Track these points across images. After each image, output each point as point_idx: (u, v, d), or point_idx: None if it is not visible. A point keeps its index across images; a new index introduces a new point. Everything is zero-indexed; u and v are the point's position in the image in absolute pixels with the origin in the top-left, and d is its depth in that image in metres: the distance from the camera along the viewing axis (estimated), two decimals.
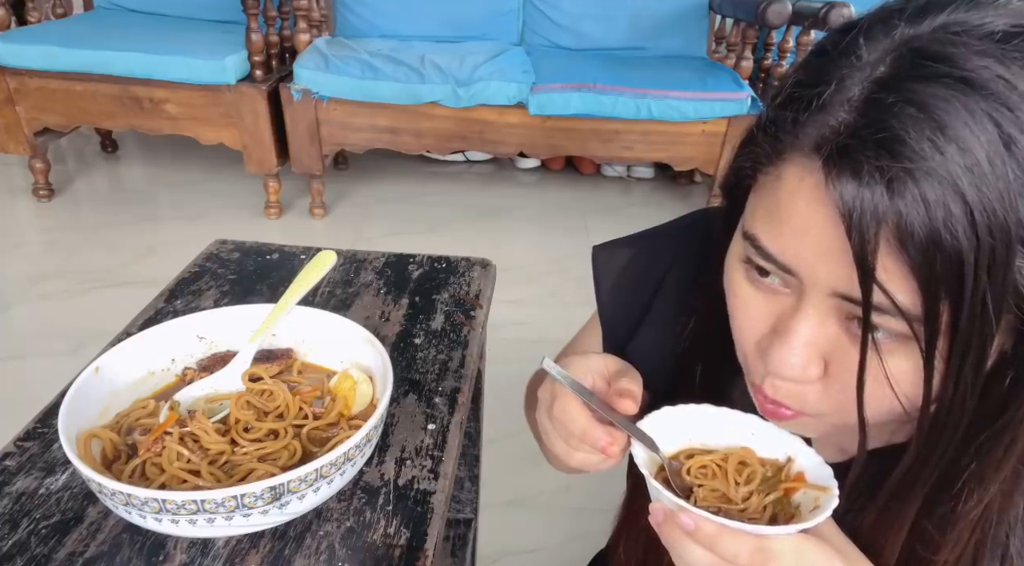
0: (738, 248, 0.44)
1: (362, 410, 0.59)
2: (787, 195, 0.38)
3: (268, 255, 0.87)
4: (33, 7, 2.64)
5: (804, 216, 0.37)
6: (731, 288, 0.45)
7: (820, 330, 0.40)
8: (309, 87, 2.37)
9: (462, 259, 0.89)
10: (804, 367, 0.40)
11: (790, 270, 0.39)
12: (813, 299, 0.39)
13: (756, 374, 0.45)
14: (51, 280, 2.21)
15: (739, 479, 0.48)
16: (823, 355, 0.41)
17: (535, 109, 2.42)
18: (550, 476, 1.64)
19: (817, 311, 0.39)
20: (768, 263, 0.40)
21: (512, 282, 2.19)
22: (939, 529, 0.45)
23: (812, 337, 0.40)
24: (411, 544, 0.50)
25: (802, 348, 0.40)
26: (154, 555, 0.49)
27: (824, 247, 0.36)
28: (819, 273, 0.37)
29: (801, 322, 0.40)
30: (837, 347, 0.40)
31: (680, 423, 0.50)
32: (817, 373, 0.41)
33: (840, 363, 0.40)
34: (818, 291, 0.38)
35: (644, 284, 0.64)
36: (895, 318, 0.36)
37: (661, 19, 2.84)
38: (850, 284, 0.36)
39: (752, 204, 0.42)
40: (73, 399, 0.51)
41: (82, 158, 3.13)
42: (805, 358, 0.40)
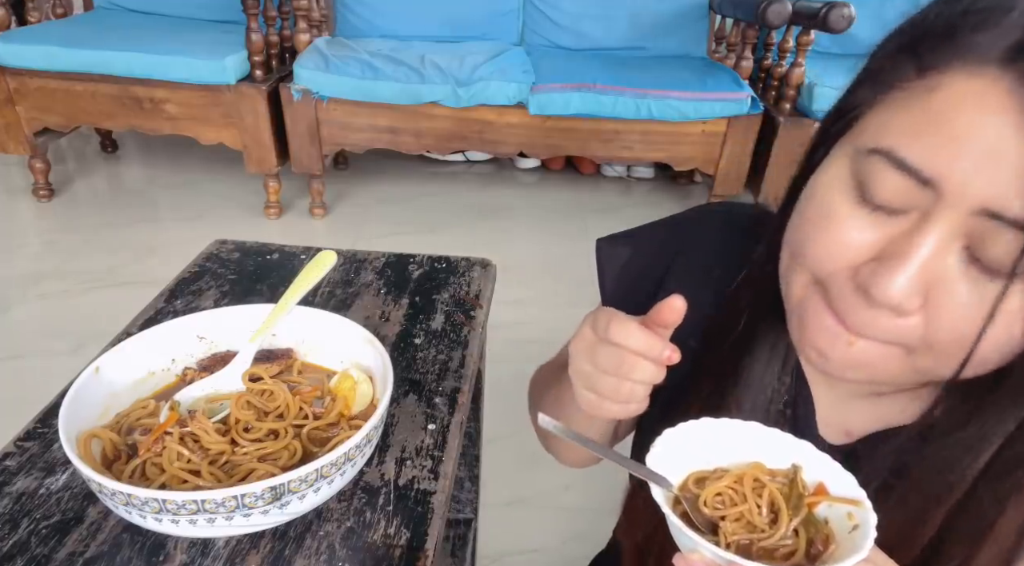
0: (842, 171, 0.43)
1: (362, 410, 0.59)
2: (950, 104, 0.37)
3: (268, 255, 0.87)
4: (33, 7, 2.64)
5: (972, 123, 0.36)
6: (823, 207, 0.43)
7: (937, 257, 0.38)
8: (309, 87, 2.37)
9: (462, 259, 0.89)
10: (910, 295, 0.38)
11: (933, 182, 0.37)
12: (945, 218, 0.37)
13: (835, 297, 0.42)
14: (51, 280, 2.21)
15: (759, 502, 0.45)
16: (927, 288, 0.39)
17: (535, 109, 2.42)
18: (550, 476, 1.64)
19: (944, 232, 0.37)
20: (904, 176, 0.38)
21: (512, 282, 2.19)
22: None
23: (928, 263, 0.38)
24: (411, 544, 0.50)
25: (916, 272, 0.38)
26: (154, 555, 0.49)
27: (991, 155, 0.35)
28: (973, 185, 0.36)
29: (924, 242, 0.38)
30: (945, 278, 0.38)
31: (681, 445, 0.48)
32: (916, 306, 0.39)
33: (946, 295, 0.38)
34: (959, 205, 0.37)
35: (648, 276, 0.64)
36: None
37: (661, 19, 2.84)
38: (1006, 200, 0.35)
39: (879, 120, 0.41)
40: (73, 399, 0.51)
41: (82, 158, 3.13)
42: (914, 286, 0.38)
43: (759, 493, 0.46)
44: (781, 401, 0.56)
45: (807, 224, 0.44)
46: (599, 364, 0.48)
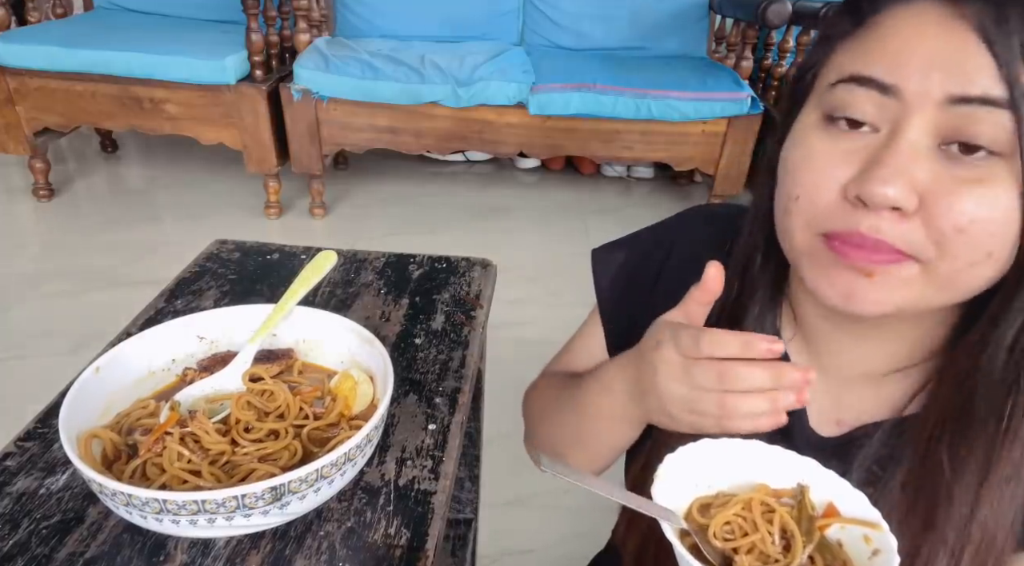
0: (811, 117, 0.46)
1: (363, 410, 0.59)
2: (891, 29, 0.40)
3: (268, 255, 0.87)
4: (33, 7, 2.64)
5: (914, 35, 0.39)
6: (802, 150, 0.45)
7: (917, 156, 0.40)
8: (309, 87, 2.37)
9: (462, 259, 0.89)
10: (905, 193, 0.40)
11: (896, 87, 0.40)
12: (915, 119, 0.40)
13: (840, 223, 0.43)
14: (51, 280, 2.21)
15: (771, 529, 0.44)
16: (918, 189, 0.40)
17: (535, 109, 2.42)
18: (550, 477, 1.64)
19: (918, 132, 0.40)
20: (869, 90, 0.41)
21: (512, 282, 2.19)
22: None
23: (911, 161, 0.40)
24: (412, 544, 0.50)
25: (902, 171, 0.40)
26: (155, 555, 0.49)
27: (941, 52, 0.38)
28: (932, 79, 0.39)
29: (901, 144, 0.40)
30: (932, 177, 0.40)
31: (683, 471, 0.47)
32: (915, 204, 0.40)
33: (938, 192, 0.40)
34: (925, 103, 0.39)
35: (642, 274, 0.65)
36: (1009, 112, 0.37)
37: (661, 19, 2.84)
38: (967, 82, 0.37)
39: (834, 64, 0.44)
40: (73, 399, 0.51)
41: (82, 158, 3.13)
42: (906, 183, 0.40)
43: (769, 519, 0.44)
44: None
45: (793, 171, 0.46)
46: (698, 382, 0.45)
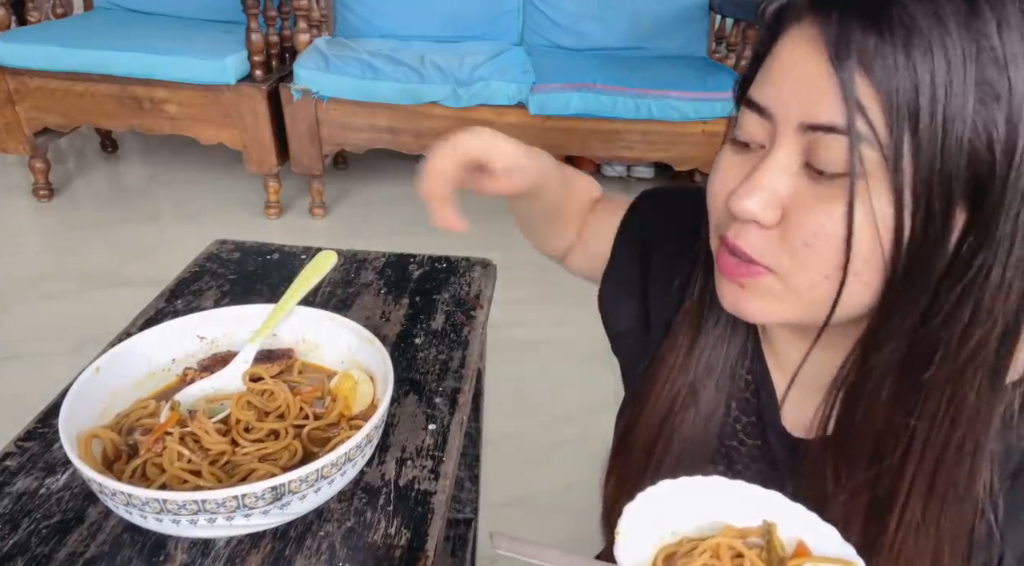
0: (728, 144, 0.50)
1: (363, 410, 0.59)
2: (780, 52, 0.44)
3: (268, 255, 0.87)
4: (33, 7, 2.64)
5: (791, 58, 0.43)
6: (715, 163, 0.50)
7: (784, 175, 0.44)
8: (309, 87, 2.37)
9: (462, 259, 0.89)
10: (763, 207, 0.44)
11: (767, 110, 0.44)
12: (783, 140, 0.43)
13: (723, 229, 0.48)
14: (51, 280, 2.21)
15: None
16: (781, 203, 0.44)
17: (535, 109, 2.41)
18: (550, 476, 1.64)
19: (784, 152, 0.43)
20: (752, 113, 0.45)
21: (512, 282, 2.19)
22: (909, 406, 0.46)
23: (776, 181, 0.44)
24: (412, 544, 0.50)
25: (763, 187, 0.44)
26: (155, 555, 0.49)
27: (801, 79, 0.42)
28: (792, 106, 0.42)
29: (768, 164, 0.44)
30: (794, 193, 0.44)
31: (646, 518, 0.45)
32: (774, 217, 0.44)
33: (795, 207, 0.43)
34: (788, 127, 0.43)
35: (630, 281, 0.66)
36: (867, 144, 0.40)
37: (661, 19, 2.84)
38: (815, 111, 0.41)
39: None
40: (74, 399, 0.51)
41: (82, 158, 3.13)
42: (766, 199, 0.44)
43: (738, 565, 0.42)
44: (749, 389, 0.58)
45: (709, 179, 0.51)
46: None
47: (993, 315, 0.42)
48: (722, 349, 0.57)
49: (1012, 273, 0.41)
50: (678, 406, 0.58)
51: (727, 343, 0.57)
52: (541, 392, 1.91)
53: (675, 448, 0.58)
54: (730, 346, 0.57)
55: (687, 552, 0.44)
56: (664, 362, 0.59)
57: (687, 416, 0.58)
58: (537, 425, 1.78)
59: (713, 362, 0.57)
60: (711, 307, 0.56)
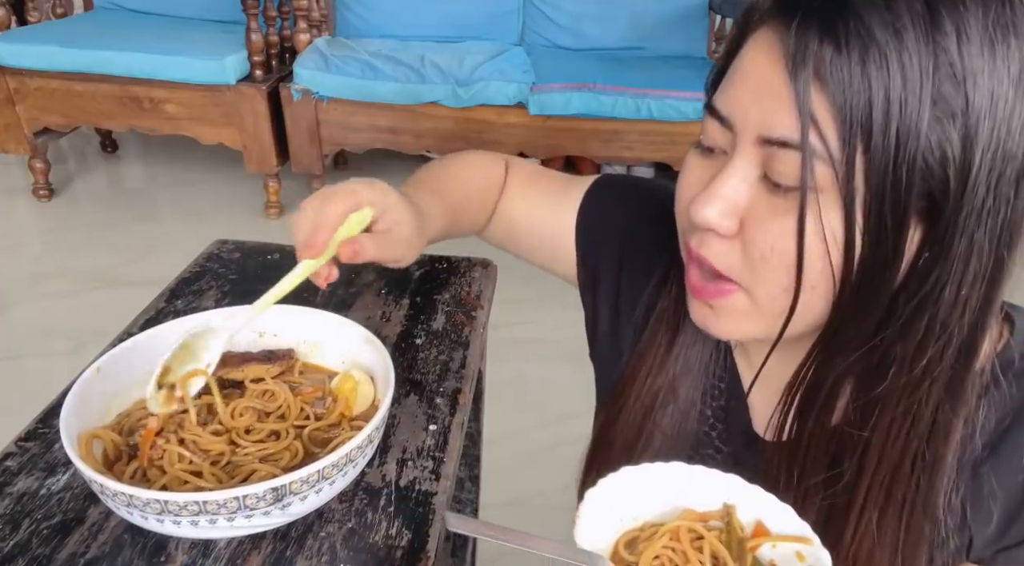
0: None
1: (363, 411, 0.59)
2: (743, 57, 0.44)
3: (269, 255, 0.87)
4: (33, 7, 2.64)
5: (750, 66, 0.43)
6: (682, 168, 0.50)
7: (742, 185, 0.43)
8: (309, 87, 2.37)
9: (463, 259, 0.89)
10: (721, 216, 0.44)
11: (727, 119, 0.44)
12: (741, 150, 0.43)
13: (688, 236, 0.48)
14: (51, 280, 2.21)
15: (701, 558, 0.43)
16: (739, 213, 0.44)
17: (535, 109, 2.41)
18: (550, 476, 1.64)
19: (743, 162, 0.43)
20: (713, 120, 0.45)
21: (512, 282, 2.18)
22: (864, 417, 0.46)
23: (734, 190, 0.44)
24: (412, 545, 0.50)
25: (721, 197, 0.44)
26: (155, 556, 0.48)
27: (760, 91, 0.41)
28: (750, 118, 0.42)
29: (726, 173, 0.44)
30: (751, 204, 0.43)
31: (607, 504, 0.45)
32: (733, 227, 0.44)
33: (752, 218, 0.43)
34: (746, 139, 0.43)
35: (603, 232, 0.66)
36: (820, 160, 0.39)
37: (661, 19, 2.84)
38: (771, 125, 0.41)
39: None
40: (74, 399, 0.51)
41: (82, 158, 3.13)
42: (724, 208, 0.44)
43: (699, 547, 0.43)
44: (722, 396, 0.58)
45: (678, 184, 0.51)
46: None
47: (948, 330, 0.42)
48: (699, 346, 0.58)
49: (967, 290, 0.41)
50: (659, 403, 0.58)
51: (704, 340, 0.58)
52: (541, 392, 1.91)
53: (656, 444, 0.58)
54: (705, 344, 0.58)
55: (648, 537, 0.44)
56: (643, 360, 0.59)
57: (667, 412, 0.58)
58: (537, 425, 1.78)
59: (691, 360, 0.58)
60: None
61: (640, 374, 0.59)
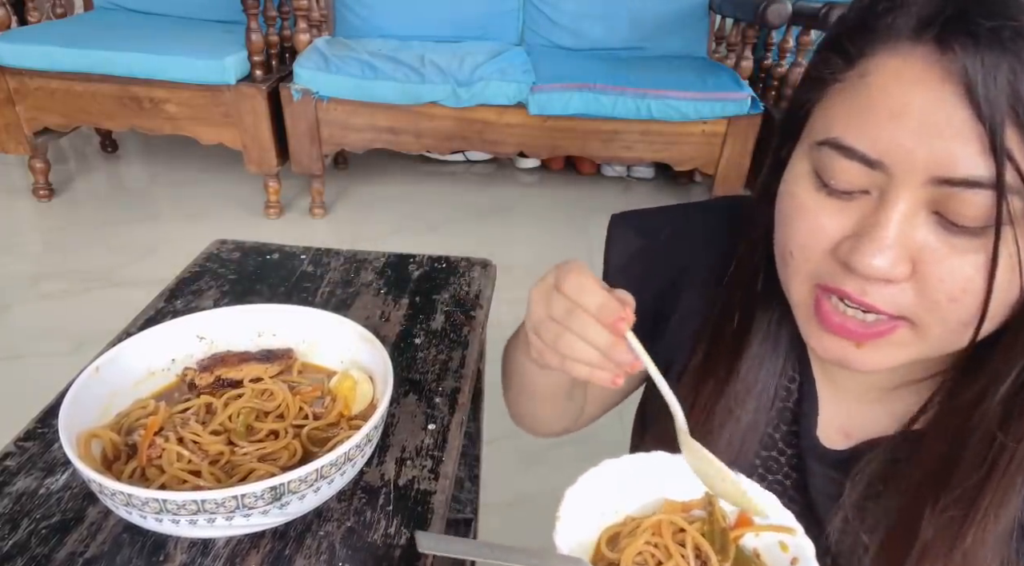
0: (802, 167, 0.44)
1: (362, 410, 0.59)
2: (879, 87, 0.39)
3: (268, 255, 0.87)
4: (33, 7, 2.64)
5: (902, 100, 0.37)
6: (794, 204, 0.45)
7: (909, 227, 0.39)
8: (309, 87, 2.37)
9: (462, 259, 0.89)
10: (893, 264, 0.40)
11: (881, 163, 0.39)
12: (904, 192, 0.39)
13: (829, 279, 0.44)
14: (51, 280, 2.21)
15: (684, 552, 0.42)
16: (910, 255, 0.40)
17: (535, 109, 2.41)
18: (550, 476, 1.64)
19: (907, 205, 0.39)
20: (853, 162, 0.40)
21: (512, 282, 2.18)
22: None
23: (901, 234, 0.39)
24: (411, 544, 0.50)
25: (892, 243, 0.39)
26: (154, 555, 0.49)
27: (926, 126, 0.37)
28: (916, 158, 0.37)
29: (891, 218, 0.39)
30: (924, 246, 0.39)
31: (588, 500, 0.45)
32: (906, 272, 0.40)
33: (930, 260, 0.39)
34: (911, 181, 0.38)
35: (657, 272, 0.63)
36: (1015, 194, 0.36)
37: (661, 19, 2.84)
38: (950, 164, 0.36)
39: (823, 115, 0.43)
40: (73, 399, 0.51)
41: (82, 158, 3.13)
42: (895, 255, 0.39)
43: (681, 541, 0.43)
44: (791, 399, 0.56)
45: (785, 223, 0.46)
46: (551, 311, 0.47)
47: None
48: (761, 369, 0.55)
49: None
50: (714, 426, 0.55)
51: (767, 363, 0.55)
52: None
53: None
54: (771, 365, 0.55)
55: (630, 531, 0.44)
56: (700, 391, 0.56)
57: (724, 435, 0.55)
58: None
59: (751, 382, 0.55)
60: (754, 338, 0.54)
61: (697, 405, 0.56)
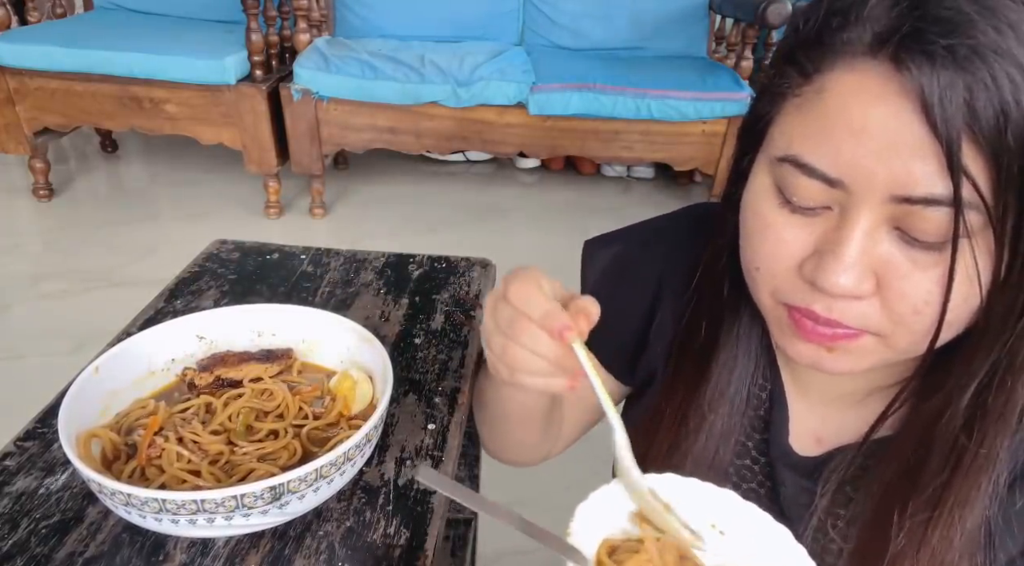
0: (764, 182, 0.44)
1: (362, 410, 0.59)
2: (837, 104, 0.38)
3: (268, 255, 0.87)
4: (33, 7, 2.64)
5: (860, 118, 0.37)
6: (758, 220, 0.44)
7: (871, 243, 0.39)
8: (309, 87, 2.37)
9: (462, 259, 0.89)
10: (858, 281, 0.40)
11: (841, 181, 0.38)
12: (864, 210, 0.38)
13: (796, 298, 0.44)
14: (51, 280, 2.21)
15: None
16: (873, 269, 0.40)
17: (535, 109, 2.42)
18: (550, 476, 1.64)
19: (868, 222, 0.39)
20: (813, 180, 0.39)
21: None
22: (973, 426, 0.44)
23: (863, 250, 0.39)
24: (411, 544, 0.50)
25: (855, 262, 0.39)
26: (154, 555, 0.49)
27: (885, 145, 0.36)
28: (876, 177, 0.37)
29: (852, 235, 0.39)
30: (887, 260, 0.39)
31: (600, 517, 0.44)
32: (871, 288, 0.40)
33: (893, 275, 0.40)
34: (871, 199, 0.38)
35: (635, 271, 0.63)
36: (973, 210, 0.35)
37: (661, 19, 2.84)
38: (909, 182, 0.36)
39: (782, 130, 0.42)
40: (73, 399, 0.51)
41: (82, 158, 3.13)
42: (859, 272, 0.39)
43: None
44: (763, 407, 0.56)
45: (750, 239, 0.46)
46: (497, 321, 0.46)
47: None
48: (733, 374, 0.55)
49: None
50: (689, 431, 0.55)
51: (738, 368, 0.55)
52: None
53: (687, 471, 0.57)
54: (742, 369, 0.55)
55: (632, 549, 0.43)
56: (672, 397, 0.56)
57: (699, 439, 0.55)
58: None
59: (723, 386, 0.55)
60: (724, 343, 0.54)
61: (668, 412, 0.56)
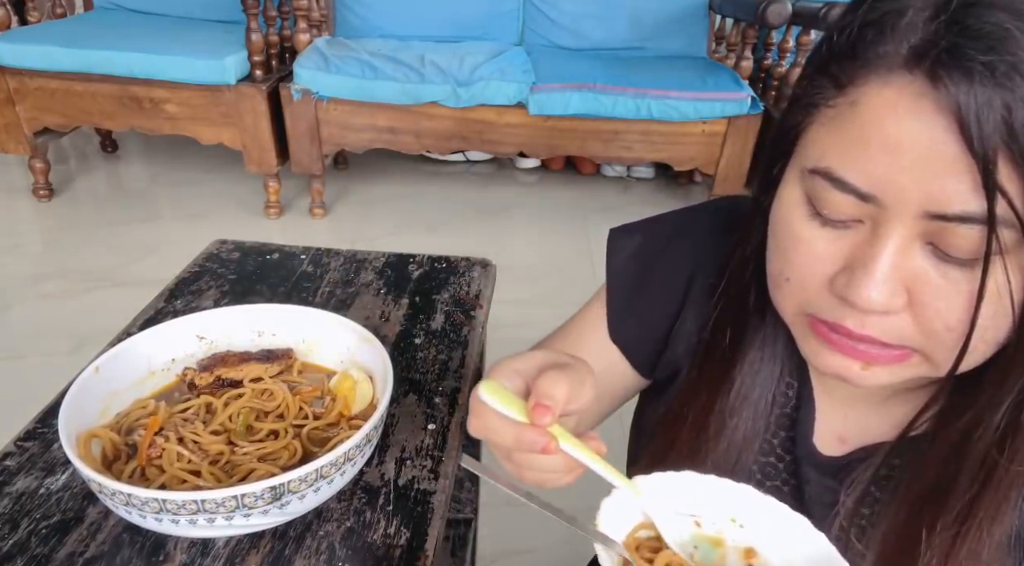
0: (794, 193, 0.44)
1: (362, 410, 0.59)
2: (871, 118, 0.38)
3: (268, 255, 0.87)
4: (33, 7, 2.64)
5: (895, 134, 0.36)
6: (789, 232, 0.44)
7: (903, 258, 0.39)
8: (309, 87, 2.37)
9: (462, 259, 0.89)
10: (890, 297, 0.39)
11: (874, 196, 0.38)
12: (897, 225, 0.38)
13: (826, 312, 0.43)
14: (51, 280, 2.21)
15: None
16: (905, 285, 0.40)
17: (535, 109, 2.41)
18: None
19: (901, 237, 0.38)
20: (845, 194, 0.39)
21: (512, 282, 2.18)
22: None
23: (895, 265, 0.39)
24: (411, 544, 0.50)
25: (887, 277, 0.39)
26: (154, 555, 0.49)
27: (919, 162, 0.36)
28: (910, 193, 0.37)
29: (884, 251, 0.39)
30: (919, 275, 0.39)
31: (622, 513, 0.45)
32: (902, 303, 0.40)
33: (925, 290, 0.39)
34: (904, 214, 0.38)
35: (657, 263, 0.62)
36: (1008, 226, 0.35)
37: (661, 19, 2.84)
38: (944, 199, 0.36)
39: (814, 141, 0.42)
40: (73, 399, 0.51)
41: (82, 158, 3.13)
42: (891, 288, 0.39)
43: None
44: (789, 405, 0.56)
45: (780, 251, 0.45)
46: (493, 452, 0.47)
47: None
48: (757, 378, 0.54)
49: None
50: (711, 435, 0.55)
51: (763, 372, 0.54)
52: None
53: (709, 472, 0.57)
54: (767, 374, 0.54)
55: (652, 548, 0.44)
56: (694, 402, 0.56)
57: (721, 443, 0.55)
58: None
59: (748, 391, 0.54)
60: (748, 348, 0.54)
61: (690, 414, 0.56)
